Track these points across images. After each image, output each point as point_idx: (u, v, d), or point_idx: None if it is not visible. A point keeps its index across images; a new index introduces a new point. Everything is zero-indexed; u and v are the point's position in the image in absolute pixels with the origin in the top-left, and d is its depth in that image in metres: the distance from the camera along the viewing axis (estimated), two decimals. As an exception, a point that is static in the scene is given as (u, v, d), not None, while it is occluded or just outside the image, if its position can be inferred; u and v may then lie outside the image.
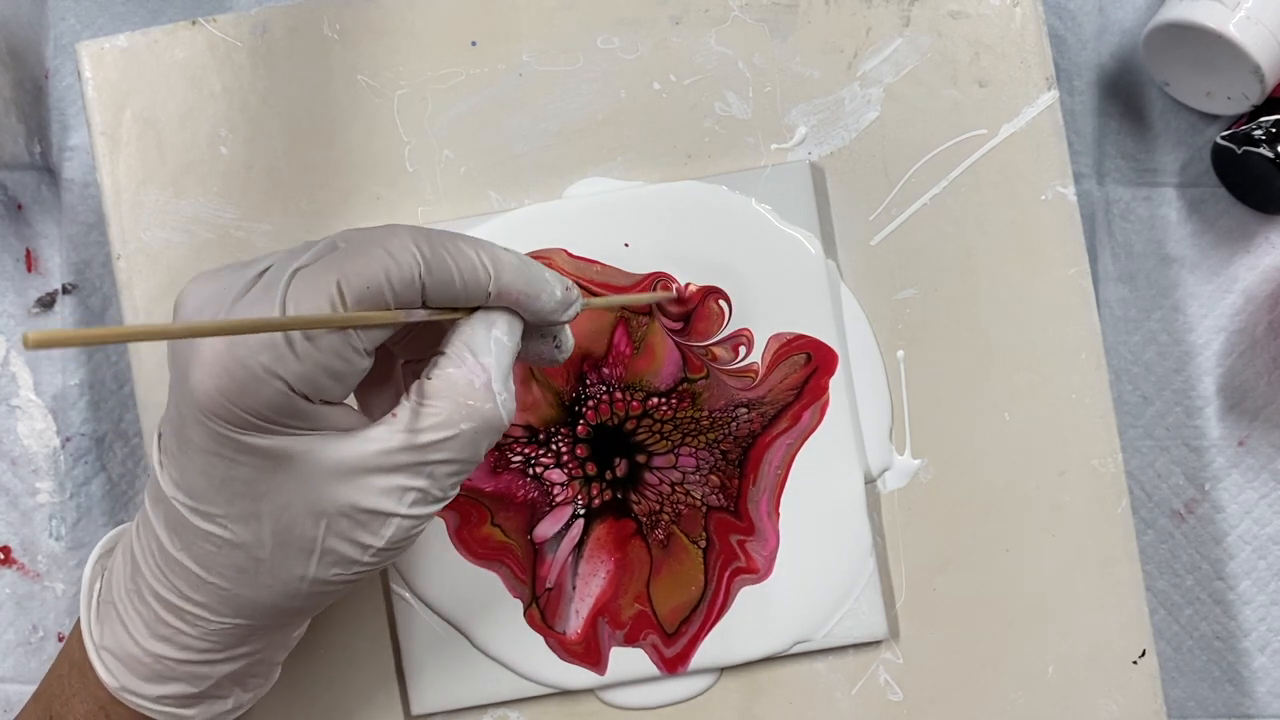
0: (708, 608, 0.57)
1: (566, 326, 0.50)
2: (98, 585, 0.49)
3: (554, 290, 0.48)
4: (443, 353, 0.45)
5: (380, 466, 0.43)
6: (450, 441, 0.44)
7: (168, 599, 0.46)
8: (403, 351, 0.50)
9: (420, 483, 0.44)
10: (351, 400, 0.47)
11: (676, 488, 0.58)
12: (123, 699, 0.47)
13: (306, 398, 0.42)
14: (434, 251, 0.43)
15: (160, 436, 0.45)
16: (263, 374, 0.41)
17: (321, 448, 0.43)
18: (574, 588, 0.58)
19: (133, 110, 0.59)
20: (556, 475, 0.58)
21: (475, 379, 0.45)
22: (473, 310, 0.46)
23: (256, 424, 0.41)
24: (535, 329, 0.48)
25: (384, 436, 0.44)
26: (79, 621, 0.49)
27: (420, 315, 0.44)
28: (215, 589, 0.45)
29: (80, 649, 0.48)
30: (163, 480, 0.44)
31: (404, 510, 0.44)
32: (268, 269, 0.43)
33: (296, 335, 0.41)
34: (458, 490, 0.46)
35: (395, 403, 0.45)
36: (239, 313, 0.42)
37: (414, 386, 0.45)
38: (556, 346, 0.50)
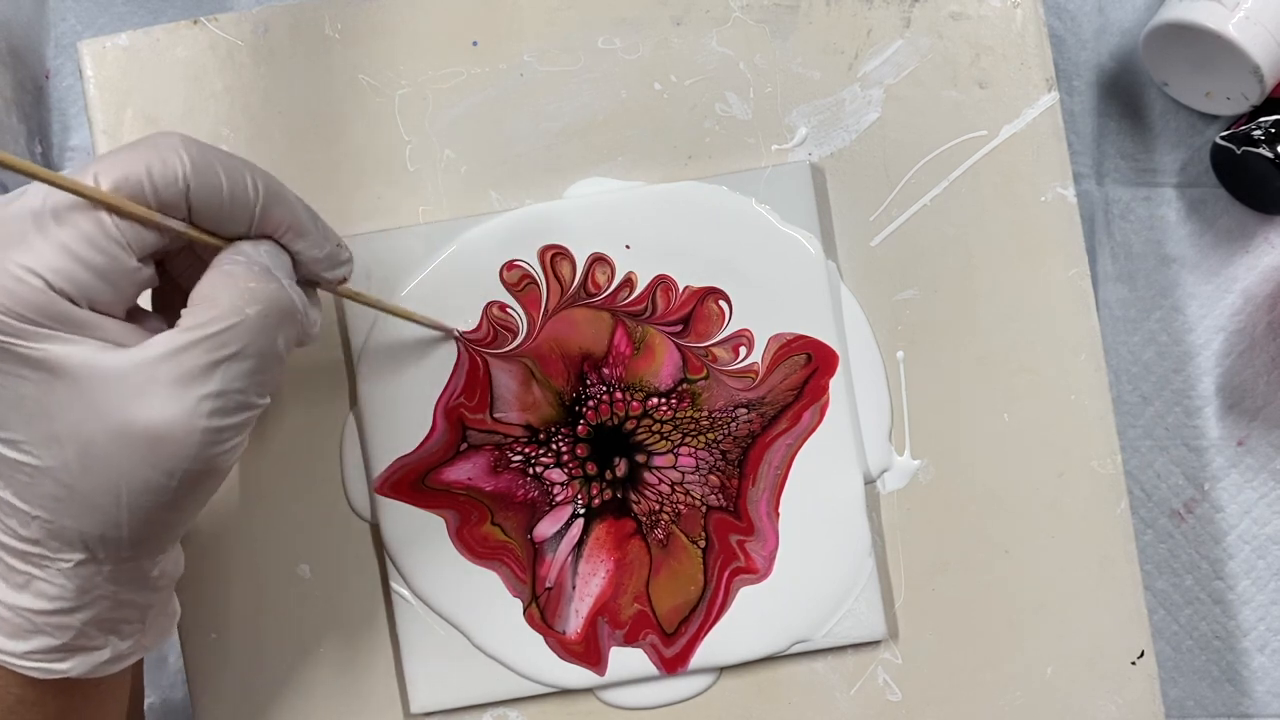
0: (707, 608, 0.58)
1: (318, 304, 0.48)
2: None
3: (325, 238, 0.47)
4: (214, 262, 0.44)
5: (168, 376, 0.41)
6: (236, 329, 0.42)
7: (8, 544, 0.44)
8: (192, 283, 0.47)
9: (213, 385, 0.42)
10: None
11: (676, 487, 0.58)
12: None
13: (73, 301, 0.41)
14: (203, 157, 0.42)
15: None
16: (18, 271, 0.40)
17: (101, 359, 0.41)
18: (574, 587, 0.58)
19: (134, 109, 0.59)
20: (556, 475, 0.58)
21: (253, 267, 0.43)
22: (235, 240, 0.45)
23: (25, 329, 0.40)
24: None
25: (165, 341, 0.42)
26: None
27: (176, 225, 0.42)
28: (41, 523, 0.43)
29: None
30: None
31: (203, 422, 0.42)
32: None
33: (46, 218, 0.40)
34: (265, 398, 0.44)
35: None
36: (1, 212, 0.41)
37: (192, 292, 0.43)
38: (305, 315, 0.47)
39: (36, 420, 0.42)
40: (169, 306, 0.48)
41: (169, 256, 0.46)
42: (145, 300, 0.47)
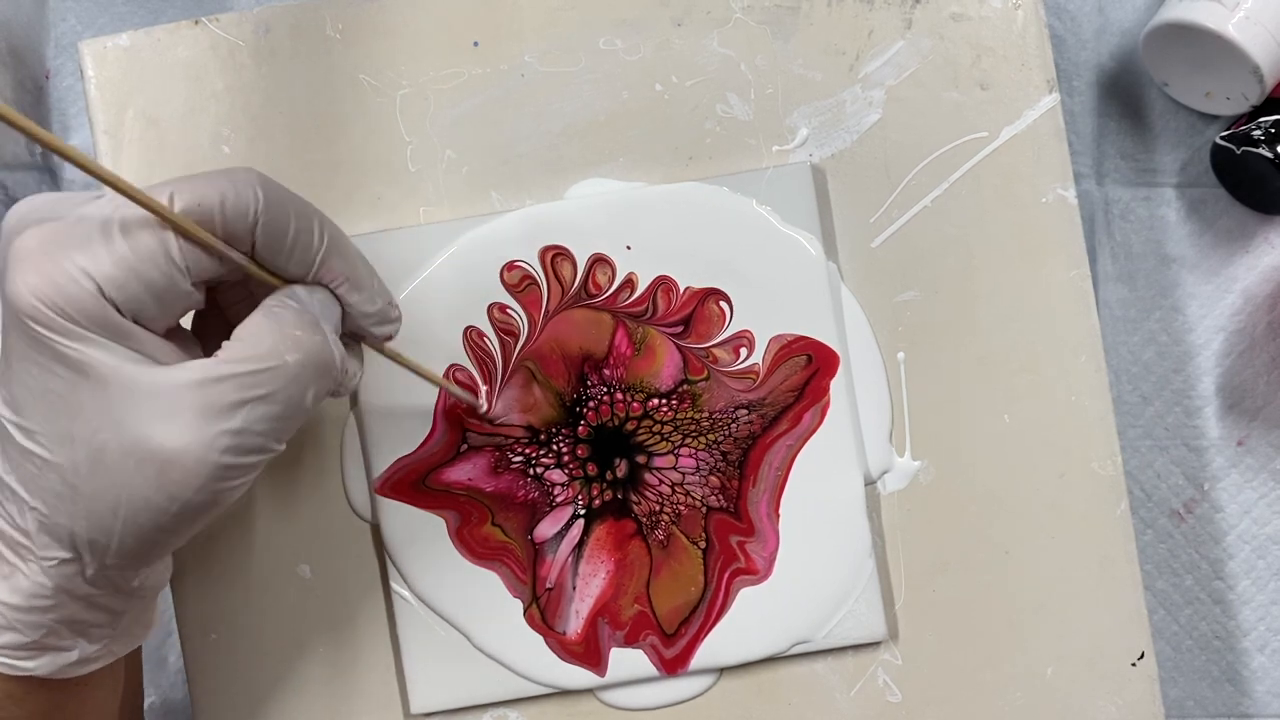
0: (707, 608, 0.58)
1: (360, 359, 0.49)
2: None
3: (378, 295, 0.47)
4: (265, 302, 0.44)
5: (193, 403, 0.41)
6: (271, 373, 0.43)
7: (2, 529, 0.44)
8: (237, 314, 0.47)
9: (235, 423, 0.42)
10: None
11: (676, 488, 0.58)
12: None
13: (119, 311, 0.41)
14: (276, 197, 0.43)
15: None
16: (74, 272, 0.40)
17: (132, 370, 0.41)
18: (574, 588, 0.58)
19: (135, 109, 0.59)
20: (557, 475, 0.58)
21: (302, 316, 0.44)
22: (292, 283, 0.45)
23: (68, 328, 0.41)
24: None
25: (201, 367, 0.42)
26: None
27: (238, 258, 0.43)
28: (37, 515, 0.43)
29: None
30: None
31: (215, 457, 0.42)
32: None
33: (114, 227, 0.41)
34: (280, 445, 0.44)
35: None
36: (73, 213, 0.41)
37: (238, 327, 0.44)
38: (343, 370, 0.47)
39: (57, 416, 0.42)
40: (208, 331, 0.48)
41: (220, 284, 0.46)
42: (185, 321, 0.47)
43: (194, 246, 0.42)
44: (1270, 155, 0.63)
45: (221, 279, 0.44)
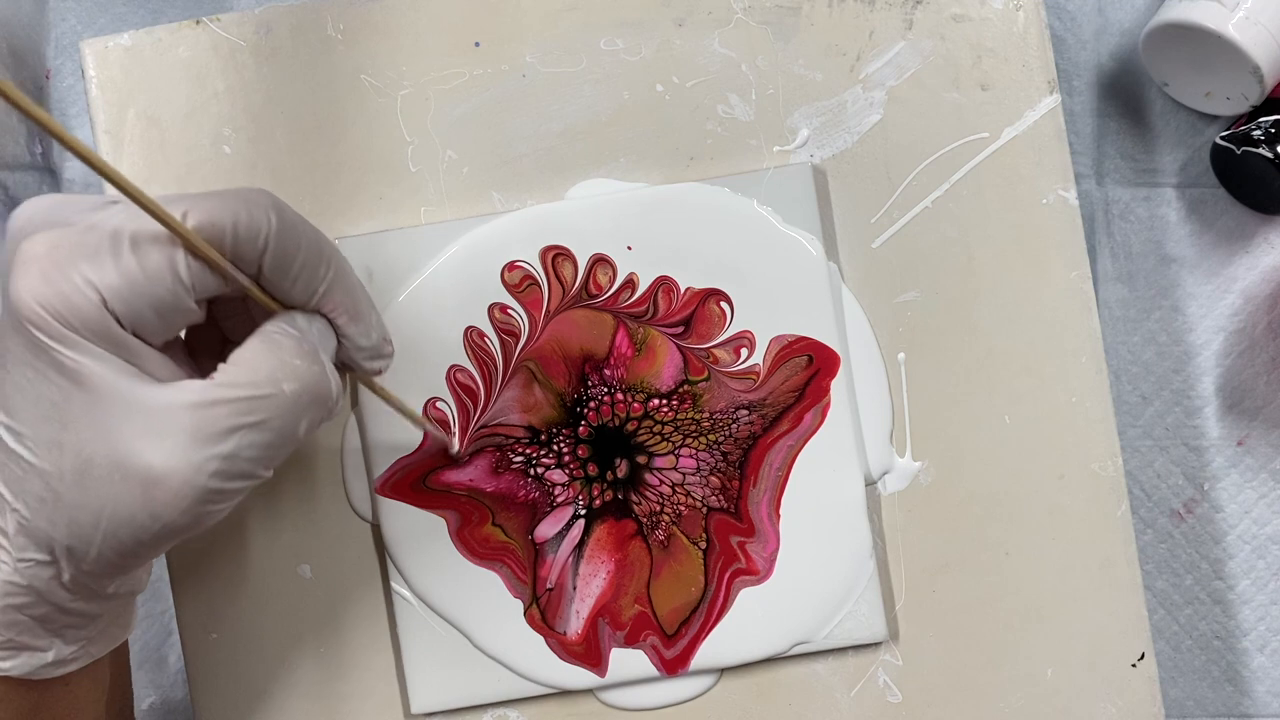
0: (708, 609, 0.58)
1: (344, 387, 0.48)
2: None
3: (375, 329, 0.48)
4: (264, 327, 0.44)
5: (186, 425, 0.41)
6: (267, 401, 0.43)
7: None
8: (234, 331, 0.48)
9: (226, 448, 0.42)
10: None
11: (677, 489, 0.58)
12: None
13: (121, 324, 0.41)
14: (289, 222, 0.43)
15: None
16: (80, 282, 0.40)
17: (127, 385, 0.41)
18: (574, 588, 0.58)
19: (136, 109, 0.59)
20: (558, 476, 0.58)
21: (301, 345, 0.44)
22: (292, 308, 0.45)
23: (68, 337, 0.40)
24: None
25: (196, 389, 0.42)
26: None
27: (244, 280, 0.43)
28: (17, 517, 0.43)
29: None
30: None
31: (203, 481, 0.42)
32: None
33: (124, 241, 0.41)
34: (268, 472, 0.44)
35: None
36: (81, 219, 0.41)
37: (236, 349, 0.44)
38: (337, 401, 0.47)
39: (48, 422, 0.42)
40: (202, 343, 0.48)
41: (219, 298, 0.46)
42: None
43: (201, 264, 0.42)
44: (1270, 155, 0.63)
45: (221, 295, 0.44)
